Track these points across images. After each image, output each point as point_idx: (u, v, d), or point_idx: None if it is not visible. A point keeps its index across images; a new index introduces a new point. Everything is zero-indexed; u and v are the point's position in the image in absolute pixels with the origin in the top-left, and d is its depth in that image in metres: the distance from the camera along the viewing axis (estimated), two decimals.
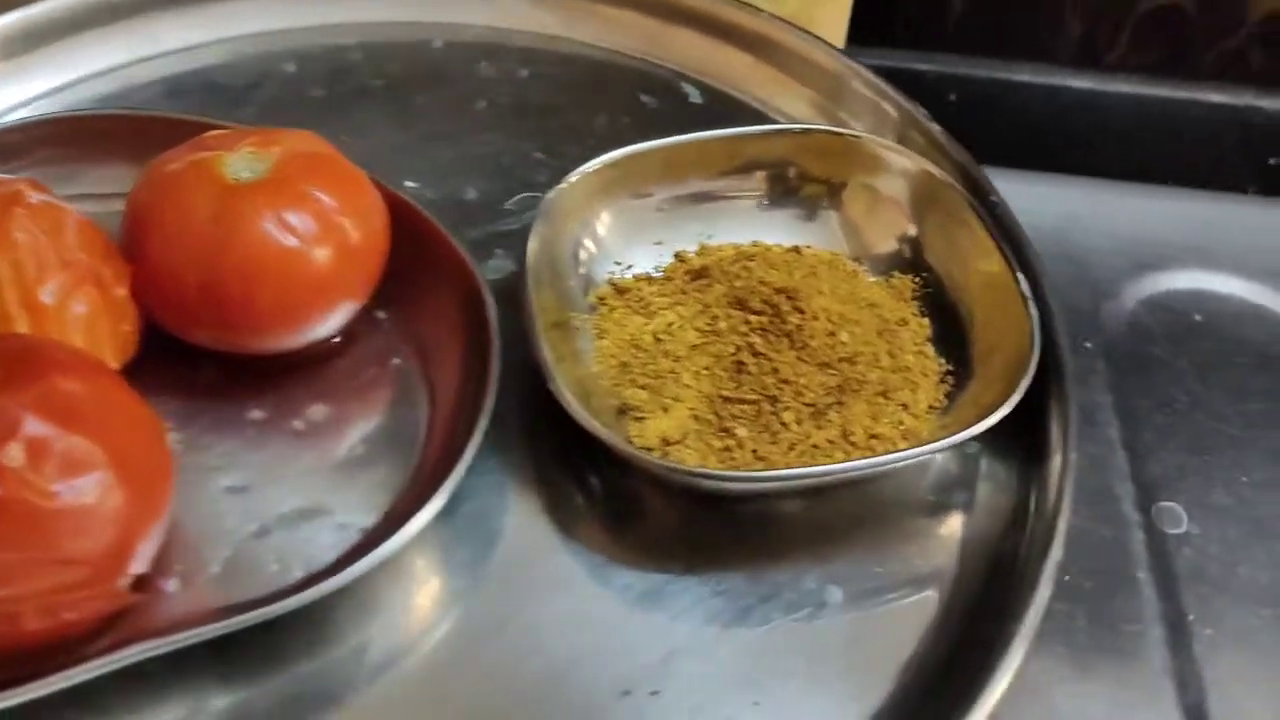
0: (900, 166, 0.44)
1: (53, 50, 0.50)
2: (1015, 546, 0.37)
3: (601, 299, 0.43)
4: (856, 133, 0.46)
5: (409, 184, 0.48)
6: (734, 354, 0.40)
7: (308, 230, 0.38)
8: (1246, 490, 0.48)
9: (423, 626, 0.36)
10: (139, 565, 0.34)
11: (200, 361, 0.41)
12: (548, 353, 0.39)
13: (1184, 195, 0.64)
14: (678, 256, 0.45)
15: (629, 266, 0.45)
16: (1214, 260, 0.58)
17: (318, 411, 0.40)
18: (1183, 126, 0.71)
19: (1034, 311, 0.39)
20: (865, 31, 0.69)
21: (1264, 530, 0.47)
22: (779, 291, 0.40)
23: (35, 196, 0.37)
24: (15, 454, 0.30)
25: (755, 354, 0.40)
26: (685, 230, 0.45)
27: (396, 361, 0.42)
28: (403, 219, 0.42)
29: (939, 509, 0.39)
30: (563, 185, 0.43)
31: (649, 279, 0.44)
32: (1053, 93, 0.74)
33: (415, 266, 0.43)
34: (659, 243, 0.45)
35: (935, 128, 0.47)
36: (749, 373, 0.40)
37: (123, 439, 0.33)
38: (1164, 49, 0.72)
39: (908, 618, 0.36)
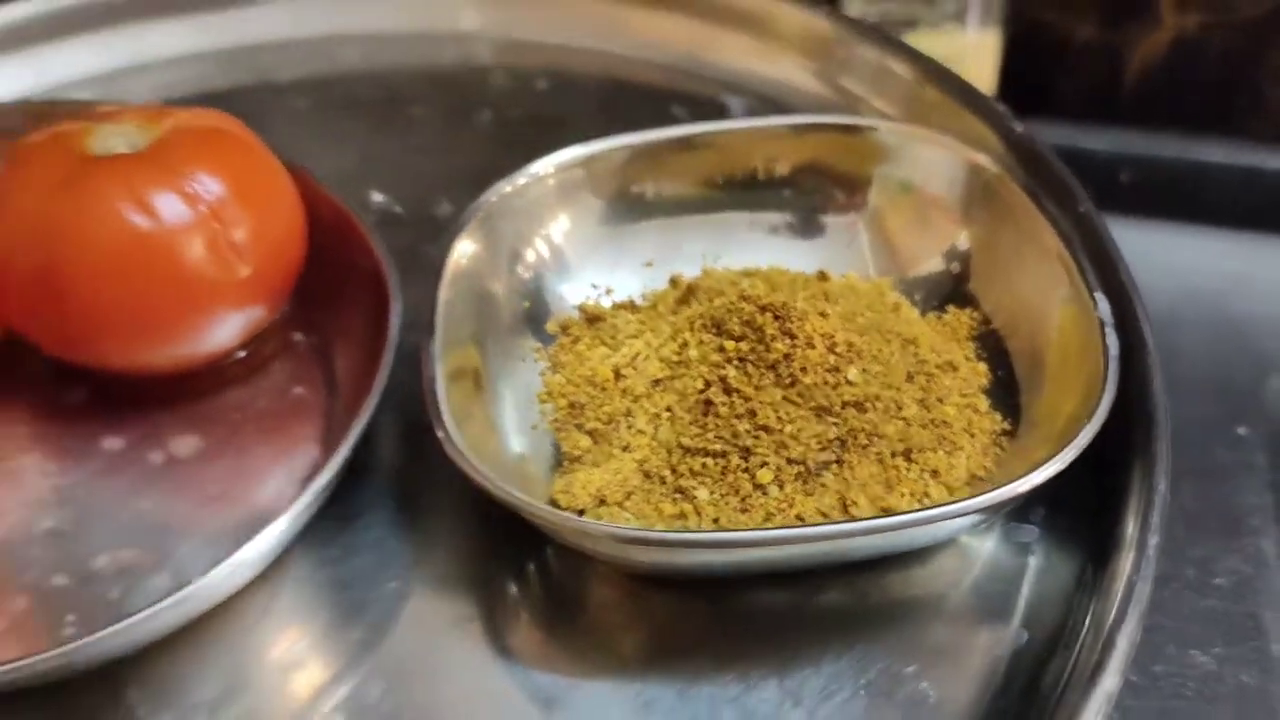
0: (942, 160, 0.34)
1: (37, 51, 0.46)
2: (1059, 672, 0.25)
3: (564, 328, 0.34)
4: (884, 122, 0.36)
5: (376, 197, 0.41)
6: (701, 391, 0.30)
7: (176, 216, 0.31)
8: None
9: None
10: None
11: (69, 381, 0.34)
12: (442, 391, 0.30)
13: None
14: (672, 281, 0.35)
15: (608, 291, 0.35)
16: None
17: (184, 444, 0.33)
18: None
19: (1113, 341, 0.28)
20: (1024, 99, 0.60)
21: None
22: (764, 310, 0.30)
23: None
24: None
25: (728, 390, 0.30)
26: (684, 250, 0.36)
27: (299, 391, 0.34)
28: (342, 232, 0.35)
29: (964, 617, 0.28)
30: (506, 187, 0.35)
31: (631, 306, 0.35)
32: (1251, 175, 0.62)
33: (345, 286, 0.35)
34: (649, 264, 0.36)
35: (1019, 127, 0.37)
36: (718, 415, 0.30)
37: None
38: None
39: None
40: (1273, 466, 0.39)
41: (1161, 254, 0.36)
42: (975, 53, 0.58)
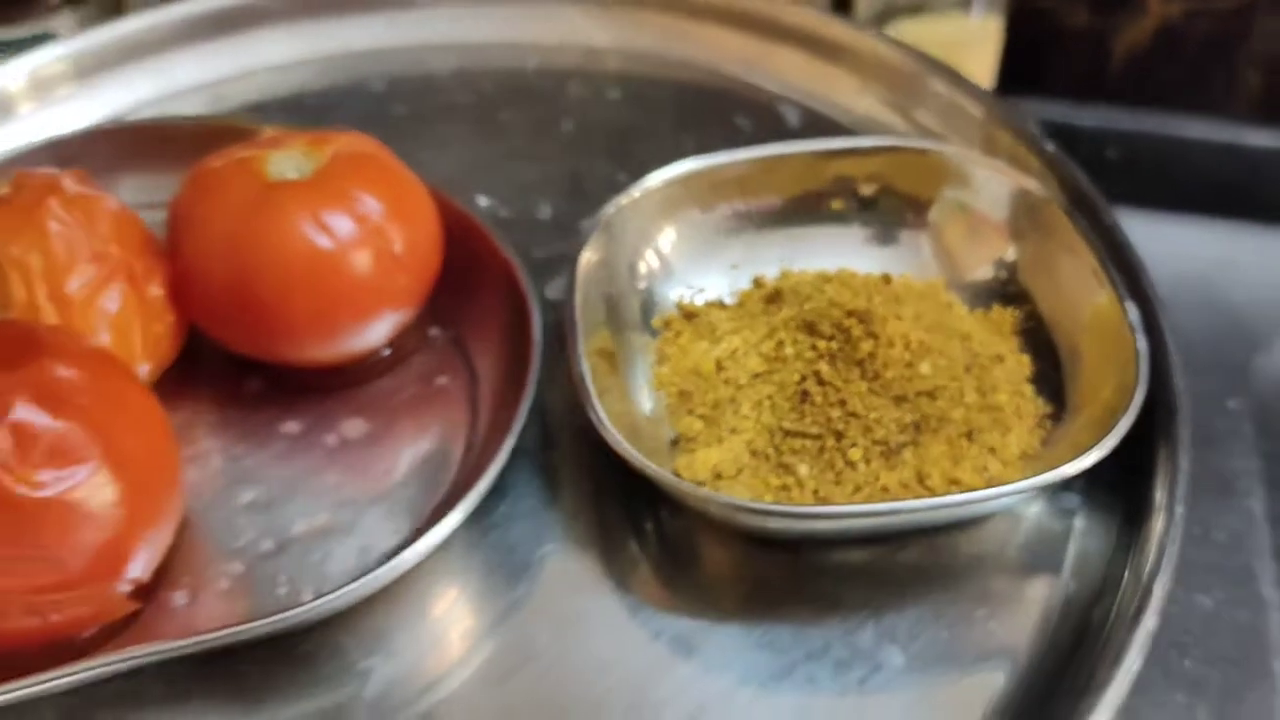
0: (998, 182, 0.40)
1: (150, 63, 0.51)
2: (1105, 615, 0.32)
3: (667, 323, 0.40)
4: (947, 147, 0.41)
5: (482, 201, 0.46)
6: (799, 383, 0.36)
7: (346, 233, 0.36)
8: None
9: (446, 668, 0.33)
10: (138, 571, 0.32)
11: (246, 372, 0.39)
12: (590, 379, 0.35)
13: None
14: (755, 282, 0.41)
15: (700, 290, 0.41)
16: None
17: (353, 428, 0.38)
18: None
19: (1143, 344, 0.34)
20: (1018, 80, 0.65)
21: None
22: (851, 315, 0.36)
23: (73, 187, 0.36)
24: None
25: (821, 383, 0.36)
26: (764, 254, 0.42)
27: (442, 381, 0.40)
28: (464, 234, 0.40)
29: (1022, 570, 0.34)
30: (626, 198, 0.40)
31: (721, 305, 0.41)
32: (1228, 151, 0.68)
33: (473, 284, 0.40)
34: (735, 266, 0.42)
35: (1050, 147, 0.42)
36: (814, 403, 0.36)
37: (121, 432, 0.31)
38: None
39: (975, 691, 0.31)
40: (1260, 435, 0.46)
41: (1157, 242, 0.42)
42: (979, 38, 0.63)
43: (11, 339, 0.31)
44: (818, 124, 0.49)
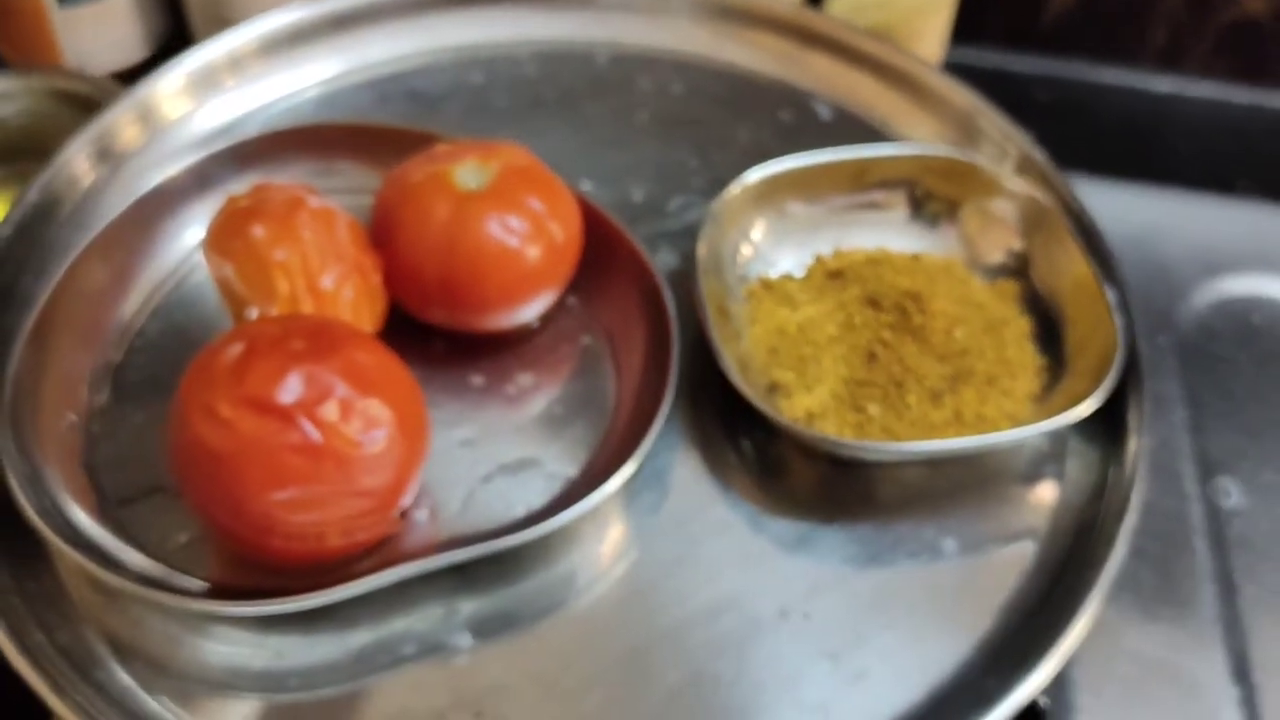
0: (1012, 191, 0.52)
1: (280, 62, 0.59)
2: (1096, 512, 0.45)
3: (752, 293, 0.52)
4: (976, 158, 0.54)
5: (585, 186, 0.56)
6: (867, 345, 0.49)
7: (524, 232, 0.47)
8: None
9: (614, 559, 0.45)
10: (408, 500, 0.43)
11: (429, 336, 0.50)
12: (716, 336, 0.47)
13: (1251, 204, 0.71)
14: (817, 259, 0.53)
15: (775, 265, 0.53)
16: (1275, 266, 0.65)
17: (525, 379, 0.49)
18: (1256, 133, 0.78)
19: (1119, 321, 0.48)
20: (961, 30, 0.76)
21: None
22: (906, 294, 0.49)
23: (313, 201, 0.46)
24: (331, 411, 0.40)
25: (885, 346, 0.48)
26: (823, 236, 0.54)
27: (586, 340, 0.51)
28: (587, 219, 0.51)
29: (1033, 479, 0.48)
30: (726, 194, 0.52)
31: (791, 277, 0.53)
32: (1136, 95, 0.81)
33: (598, 259, 0.51)
34: (800, 245, 0.54)
35: (1040, 156, 0.55)
36: (879, 361, 0.48)
37: (400, 400, 0.42)
38: (1242, 59, 0.79)
39: (1008, 566, 0.45)
40: (1181, 366, 0.60)
41: (1104, 207, 0.54)
42: (940, 2, 0.74)
43: (317, 334, 0.42)
44: (846, 118, 0.60)
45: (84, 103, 0.60)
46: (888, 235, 0.54)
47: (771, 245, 0.53)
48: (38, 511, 0.42)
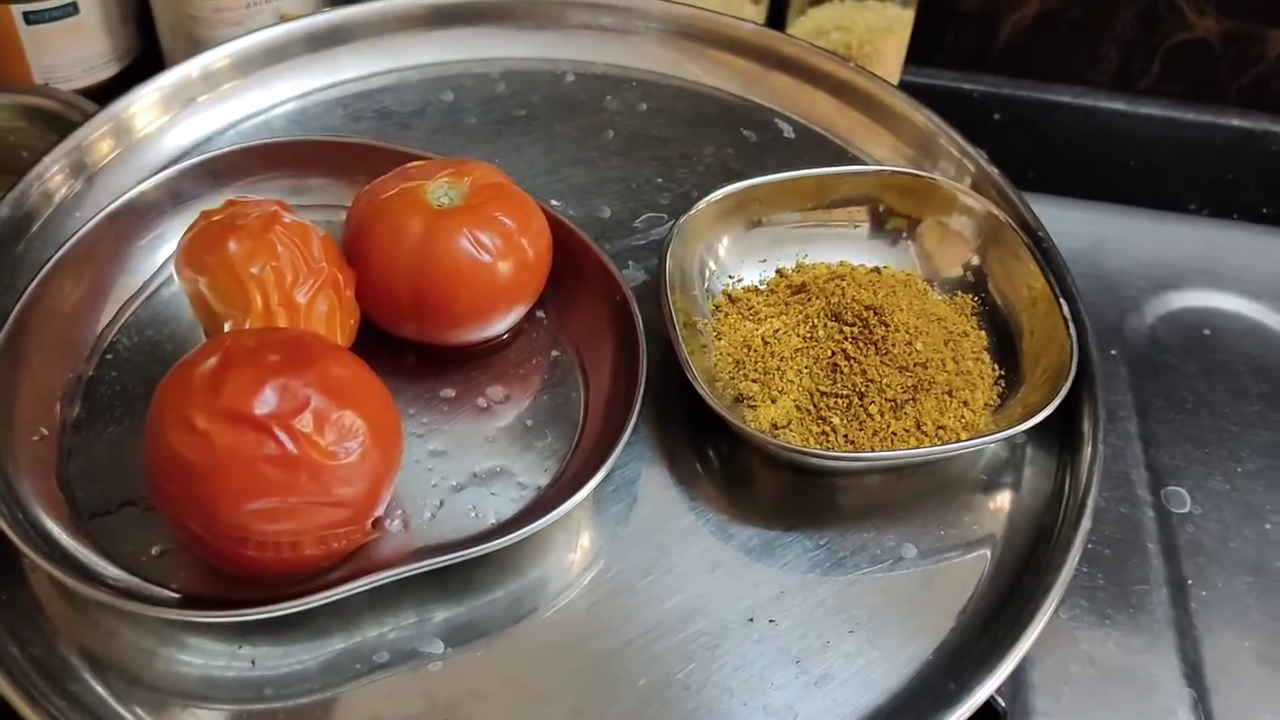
0: (969, 207, 0.54)
1: (252, 80, 0.60)
2: (1053, 518, 0.47)
3: (717, 306, 0.53)
4: (934, 176, 0.55)
5: (554, 203, 0.57)
6: (830, 357, 0.50)
7: (495, 248, 0.48)
8: (1240, 478, 0.59)
9: (584, 567, 0.46)
10: (380, 509, 0.44)
11: (401, 350, 0.51)
12: (684, 349, 0.48)
13: (1199, 221, 0.73)
14: (779, 272, 0.54)
15: (739, 280, 0.54)
16: (1222, 281, 0.68)
17: (496, 392, 0.50)
18: (1205, 152, 0.80)
19: (1073, 331, 0.49)
20: (919, 52, 0.78)
21: (1253, 512, 0.57)
22: (868, 308, 0.50)
23: (287, 216, 0.47)
24: (307, 422, 0.40)
25: (847, 358, 0.50)
26: (787, 251, 0.55)
27: (555, 353, 0.52)
28: (557, 234, 0.52)
29: (992, 487, 0.49)
30: (692, 211, 0.53)
31: (756, 290, 0.54)
32: (1088, 114, 0.83)
33: (568, 274, 0.52)
34: (763, 260, 0.55)
35: (995, 172, 0.56)
36: (842, 373, 0.49)
37: (374, 411, 0.43)
38: (1191, 79, 0.81)
39: (966, 571, 0.47)
40: (1131, 376, 0.62)
41: (1056, 224, 0.56)
42: (898, 23, 0.76)
43: (293, 347, 0.42)
44: (808, 136, 0.61)
45: (53, 119, 0.60)
46: (849, 250, 0.55)
47: (737, 261, 0.55)
48: (10, 524, 0.42)
